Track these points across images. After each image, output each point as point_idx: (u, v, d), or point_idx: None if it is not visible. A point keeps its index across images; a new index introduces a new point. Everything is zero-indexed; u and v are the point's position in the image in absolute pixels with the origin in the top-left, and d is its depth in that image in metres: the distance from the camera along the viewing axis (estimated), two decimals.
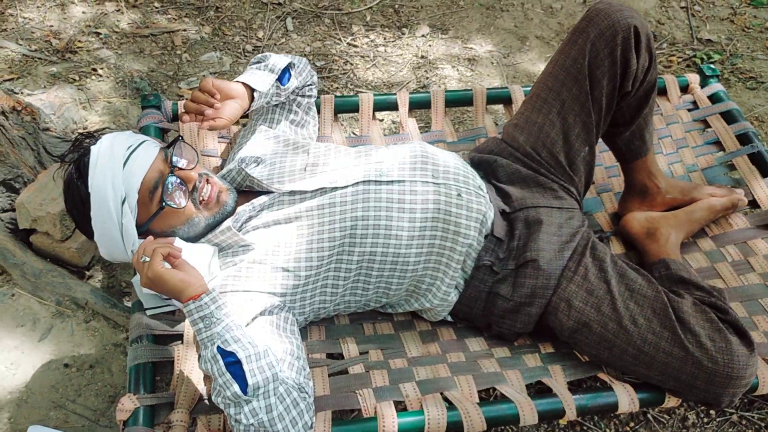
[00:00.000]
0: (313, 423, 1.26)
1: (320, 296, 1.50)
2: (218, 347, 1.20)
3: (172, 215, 1.41)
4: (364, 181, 1.48)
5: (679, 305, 1.42)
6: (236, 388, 1.18)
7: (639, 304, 1.43)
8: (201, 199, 1.44)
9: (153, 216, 1.41)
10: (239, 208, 1.50)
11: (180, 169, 1.43)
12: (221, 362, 1.19)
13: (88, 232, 1.44)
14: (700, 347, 1.36)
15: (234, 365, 1.19)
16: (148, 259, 1.27)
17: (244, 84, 1.53)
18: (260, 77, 1.57)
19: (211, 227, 1.47)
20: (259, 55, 1.64)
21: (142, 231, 1.42)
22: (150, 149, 1.43)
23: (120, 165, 1.38)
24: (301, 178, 1.51)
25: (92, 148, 1.41)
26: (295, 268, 1.43)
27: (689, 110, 2.13)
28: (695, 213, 1.80)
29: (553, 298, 1.49)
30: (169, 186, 1.40)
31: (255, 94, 1.55)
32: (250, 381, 1.18)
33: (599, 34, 1.52)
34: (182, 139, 1.44)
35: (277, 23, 2.77)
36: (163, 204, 1.39)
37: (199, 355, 1.24)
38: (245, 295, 1.40)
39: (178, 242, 1.41)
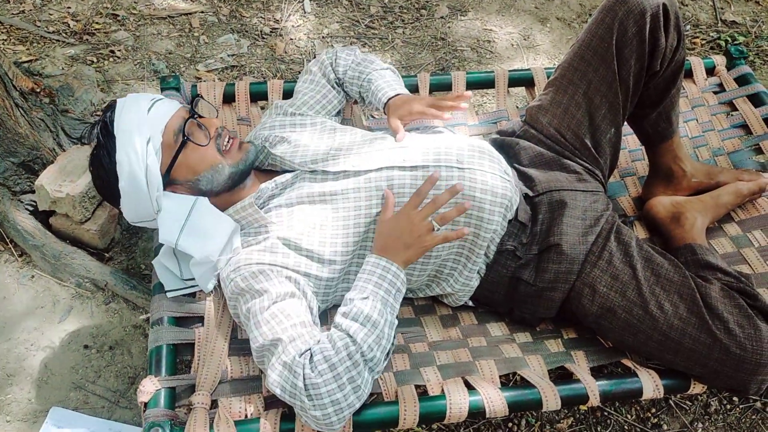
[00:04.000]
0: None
1: (344, 283, 1.48)
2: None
3: (195, 156, 1.39)
4: (388, 167, 1.46)
5: (707, 290, 1.39)
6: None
7: (665, 289, 1.40)
8: (224, 147, 1.43)
9: (176, 154, 1.39)
10: (262, 185, 1.48)
11: (201, 117, 1.44)
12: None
13: (113, 190, 1.40)
14: (728, 333, 1.34)
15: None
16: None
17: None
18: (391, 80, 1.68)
19: (235, 180, 1.44)
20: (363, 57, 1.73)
21: (167, 179, 1.40)
22: (173, 102, 1.44)
23: (145, 111, 1.39)
24: (324, 160, 1.49)
25: (117, 100, 1.43)
26: (319, 252, 1.40)
27: (715, 93, 2.09)
28: (721, 197, 1.76)
29: (577, 283, 1.47)
30: (192, 128, 1.41)
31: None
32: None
33: (627, 12, 1.49)
34: (202, 97, 1.43)
35: (295, 5, 2.74)
36: (185, 138, 1.38)
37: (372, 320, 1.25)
38: (270, 267, 1.37)
39: (202, 203, 1.41)
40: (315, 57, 2.04)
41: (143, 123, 1.37)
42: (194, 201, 1.41)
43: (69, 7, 2.61)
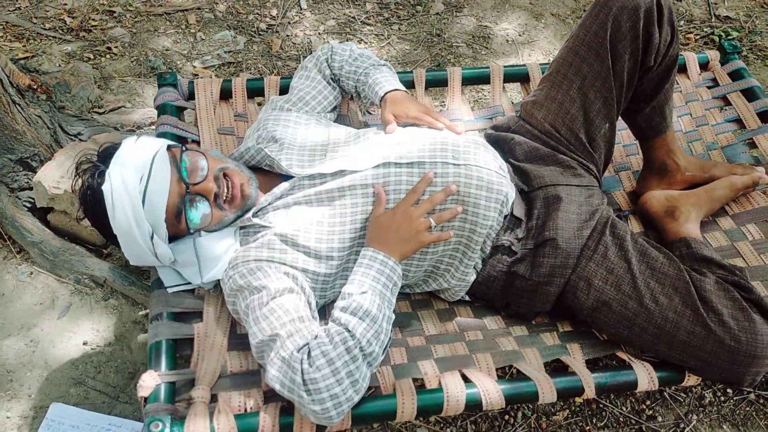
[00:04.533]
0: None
1: (341, 279, 1.49)
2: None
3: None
4: (384, 164, 1.46)
5: (702, 284, 1.40)
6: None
7: (660, 283, 1.42)
8: (224, 199, 1.41)
9: (185, 236, 1.43)
10: (261, 199, 1.48)
11: (195, 184, 1.38)
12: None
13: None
14: (723, 326, 1.35)
15: None
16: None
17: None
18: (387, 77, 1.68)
19: (240, 216, 1.46)
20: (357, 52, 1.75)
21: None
22: (162, 171, 1.35)
23: (139, 203, 1.33)
24: (321, 161, 1.50)
25: (104, 189, 1.34)
26: (316, 248, 1.41)
27: (709, 87, 2.10)
28: (715, 191, 1.77)
29: (572, 277, 1.48)
30: (191, 209, 1.38)
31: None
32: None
33: (621, 7, 1.50)
34: (186, 148, 1.42)
35: (291, 1, 2.75)
36: (191, 231, 1.40)
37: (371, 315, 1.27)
38: (268, 263, 1.38)
39: (204, 237, 1.43)
40: (311, 53, 2.04)
41: (141, 218, 1.34)
42: (193, 241, 1.43)
43: (65, 4, 2.61)
